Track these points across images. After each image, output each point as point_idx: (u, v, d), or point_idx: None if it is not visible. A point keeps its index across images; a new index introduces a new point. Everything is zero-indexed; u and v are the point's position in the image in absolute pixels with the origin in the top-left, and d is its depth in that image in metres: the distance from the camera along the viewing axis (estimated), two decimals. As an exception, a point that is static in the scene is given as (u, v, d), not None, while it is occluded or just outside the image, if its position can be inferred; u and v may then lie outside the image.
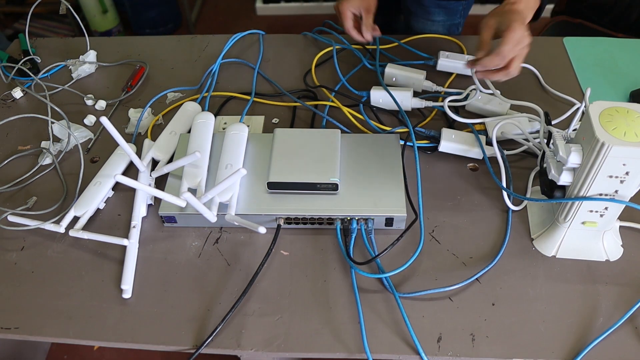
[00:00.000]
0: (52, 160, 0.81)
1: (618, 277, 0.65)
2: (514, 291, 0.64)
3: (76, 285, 0.66)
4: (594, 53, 0.98)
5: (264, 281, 0.66)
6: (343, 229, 0.69)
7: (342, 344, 0.60)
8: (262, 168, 0.72)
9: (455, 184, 0.76)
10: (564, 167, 0.59)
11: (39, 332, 0.62)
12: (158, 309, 0.64)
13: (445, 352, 0.59)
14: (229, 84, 0.95)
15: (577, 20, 1.24)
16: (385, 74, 0.89)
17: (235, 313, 0.63)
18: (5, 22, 2.49)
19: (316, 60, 0.97)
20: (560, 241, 0.66)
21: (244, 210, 0.68)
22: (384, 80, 0.89)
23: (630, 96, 0.88)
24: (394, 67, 0.89)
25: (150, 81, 0.97)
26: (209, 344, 0.60)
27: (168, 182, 0.73)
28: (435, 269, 0.66)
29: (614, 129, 0.55)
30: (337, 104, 0.87)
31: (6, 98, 0.94)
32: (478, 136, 0.77)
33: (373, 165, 0.73)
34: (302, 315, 0.62)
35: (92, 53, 1.00)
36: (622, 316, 0.60)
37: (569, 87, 0.90)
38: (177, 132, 0.80)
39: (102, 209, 0.74)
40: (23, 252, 0.70)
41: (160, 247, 0.70)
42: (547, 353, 0.58)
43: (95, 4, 2.18)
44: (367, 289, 0.65)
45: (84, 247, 0.70)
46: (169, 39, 1.07)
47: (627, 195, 0.59)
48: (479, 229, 0.70)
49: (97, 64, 1.00)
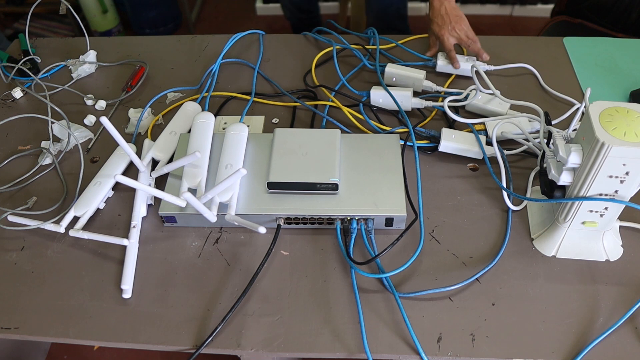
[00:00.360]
0: (52, 160, 0.81)
1: (618, 277, 0.65)
2: (514, 291, 0.64)
3: (76, 285, 0.66)
4: (594, 53, 0.98)
5: (264, 281, 0.66)
6: (343, 229, 0.69)
7: (342, 344, 0.60)
8: (262, 168, 0.73)
9: (455, 184, 0.76)
10: (564, 167, 0.59)
11: (39, 332, 0.62)
12: (158, 309, 0.64)
13: (445, 352, 0.59)
14: (229, 84, 0.95)
15: (577, 21, 1.24)
16: (385, 73, 0.89)
17: (235, 313, 0.63)
18: (5, 22, 2.49)
19: (316, 61, 0.97)
20: (560, 241, 0.66)
21: (244, 210, 0.68)
22: (384, 80, 0.89)
23: (630, 96, 0.88)
24: (394, 67, 0.89)
25: (150, 81, 0.97)
26: (209, 344, 0.60)
27: (168, 182, 0.73)
28: (435, 269, 0.66)
29: (614, 129, 0.55)
30: (337, 104, 0.87)
31: (6, 98, 0.94)
32: (478, 136, 0.77)
33: (373, 165, 0.73)
34: (302, 315, 0.62)
35: (92, 53, 1.00)
36: (622, 316, 0.60)
37: (569, 87, 0.90)
38: (177, 132, 0.80)
39: (102, 209, 0.74)
40: (23, 252, 0.70)
41: (160, 247, 0.70)
42: (547, 353, 0.58)
43: (95, 4, 2.18)
44: (367, 289, 0.65)
45: (84, 247, 0.70)
46: (169, 39, 1.07)
47: (627, 195, 0.59)
48: (479, 229, 0.70)
49: (97, 64, 1.00)
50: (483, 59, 0.94)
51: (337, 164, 0.70)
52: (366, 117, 0.84)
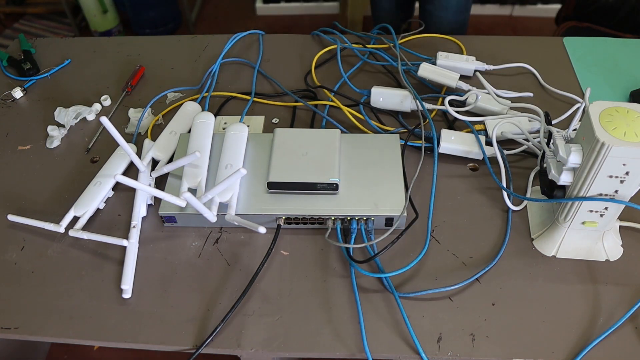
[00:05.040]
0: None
1: (618, 277, 0.65)
2: (514, 291, 0.64)
3: (76, 285, 0.66)
4: (594, 53, 0.98)
5: (264, 281, 0.66)
6: (343, 229, 0.69)
7: (342, 344, 0.60)
8: (262, 168, 0.73)
9: (455, 184, 0.76)
10: (564, 167, 0.59)
11: (39, 332, 0.62)
12: (158, 309, 0.64)
13: (445, 352, 0.59)
14: (229, 84, 0.95)
15: (584, 24, 1.24)
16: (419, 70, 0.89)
17: (235, 313, 0.63)
18: (5, 22, 2.49)
19: (316, 61, 0.97)
20: (560, 241, 0.66)
21: (244, 210, 0.68)
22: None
23: (630, 96, 0.88)
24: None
25: (150, 81, 0.97)
26: (209, 344, 0.60)
27: (168, 182, 0.73)
28: (435, 269, 0.66)
29: (614, 129, 0.55)
30: (337, 104, 0.87)
31: (6, 98, 0.94)
32: (478, 137, 0.77)
33: (373, 165, 0.73)
34: (302, 315, 0.62)
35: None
36: (623, 316, 0.60)
37: (569, 87, 0.90)
38: (177, 132, 0.80)
39: (102, 209, 0.74)
40: (23, 252, 0.70)
41: (160, 247, 0.70)
42: (547, 353, 0.58)
43: (95, 4, 2.18)
44: (367, 289, 0.65)
45: (84, 247, 0.70)
46: (169, 39, 1.07)
47: (627, 195, 0.59)
48: (479, 229, 0.70)
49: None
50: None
51: (337, 164, 0.70)
52: (366, 117, 0.84)
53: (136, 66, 0.98)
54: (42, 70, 0.99)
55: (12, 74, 0.98)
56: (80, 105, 0.89)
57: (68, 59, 1.01)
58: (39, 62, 1.00)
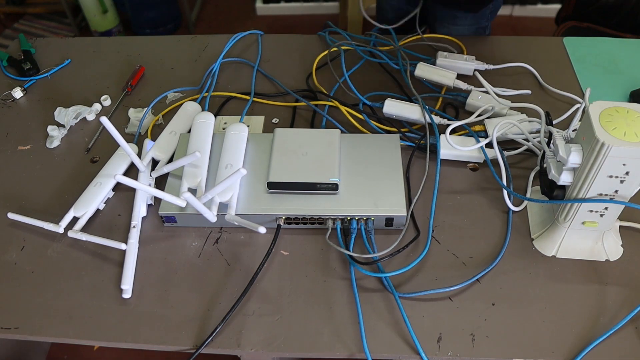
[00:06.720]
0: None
1: (618, 277, 0.65)
2: (514, 291, 0.64)
3: (76, 285, 0.66)
4: (594, 53, 0.98)
5: (264, 281, 0.66)
6: (343, 228, 0.69)
7: (342, 344, 0.60)
8: (262, 168, 0.72)
9: (455, 184, 0.76)
10: (564, 167, 0.59)
11: (39, 332, 0.62)
12: (158, 309, 0.64)
13: (445, 352, 0.59)
14: (229, 84, 0.95)
15: (584, 25, 1.24)
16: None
17: (235, 313, 0.63)
18: (6, 22, 2.49)
19: (316, 62, 0.97)
20: (560, 241, 0.66)
21: (244, 210, 0.68)
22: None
23: (630, 96, 0.88)
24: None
25: (150, 81, 0.97)
26: (209, 344, 0.60)
27: (168, 182, 0.73)
28: (435, 269, 0.66)
29: (614, 129, 0.55)
30: (337, 104, 0.86)
31: (6, 98, 0.94)
32: (478, 140, 0.77)
33: (373, 165, 0.73)
34: (302, 315, 0.62)
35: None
36: (625, 317, 0.60)
37: (569, 87, 0.90)
38: (177, 132, 0.80)
39: (102, 209, 0.74)
40: (23, 252, 0.70)
41: (160, 247, 0.70)
42: (547, 353, 0.58)
43: (95, 4, 2.18)
44: (367, 288, 0.65)
45: (84, 247, 0.70)
46: (169, 39, 1.07)
47: (627, 195, 0.59)
48: (479, 229, 0.70)
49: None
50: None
51: (337, 164, 0.70)
52: (366, 117, 0.84)
53: (136, 66, 0.98)
54: (42, 70, 0.99)
55: (12, 74, 0.99)
56: (80, 105, 0.89)
57: (68, 59, 1.01)
58: (39, 62, 1.00)
